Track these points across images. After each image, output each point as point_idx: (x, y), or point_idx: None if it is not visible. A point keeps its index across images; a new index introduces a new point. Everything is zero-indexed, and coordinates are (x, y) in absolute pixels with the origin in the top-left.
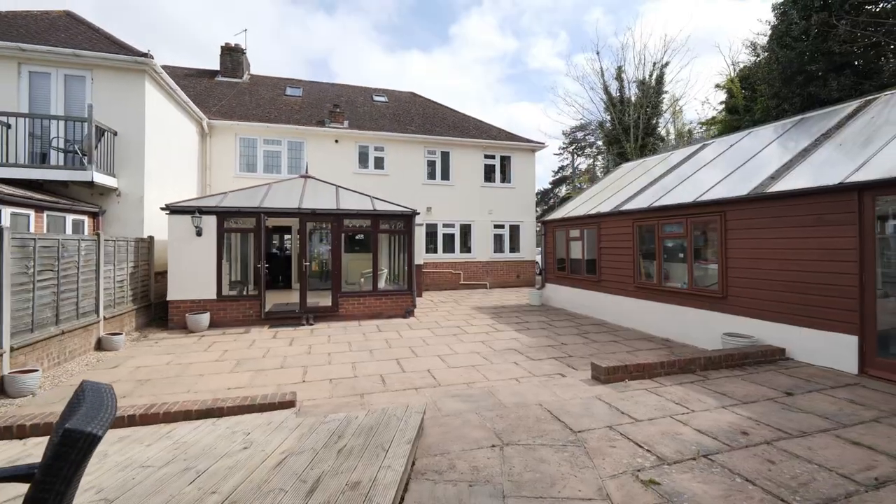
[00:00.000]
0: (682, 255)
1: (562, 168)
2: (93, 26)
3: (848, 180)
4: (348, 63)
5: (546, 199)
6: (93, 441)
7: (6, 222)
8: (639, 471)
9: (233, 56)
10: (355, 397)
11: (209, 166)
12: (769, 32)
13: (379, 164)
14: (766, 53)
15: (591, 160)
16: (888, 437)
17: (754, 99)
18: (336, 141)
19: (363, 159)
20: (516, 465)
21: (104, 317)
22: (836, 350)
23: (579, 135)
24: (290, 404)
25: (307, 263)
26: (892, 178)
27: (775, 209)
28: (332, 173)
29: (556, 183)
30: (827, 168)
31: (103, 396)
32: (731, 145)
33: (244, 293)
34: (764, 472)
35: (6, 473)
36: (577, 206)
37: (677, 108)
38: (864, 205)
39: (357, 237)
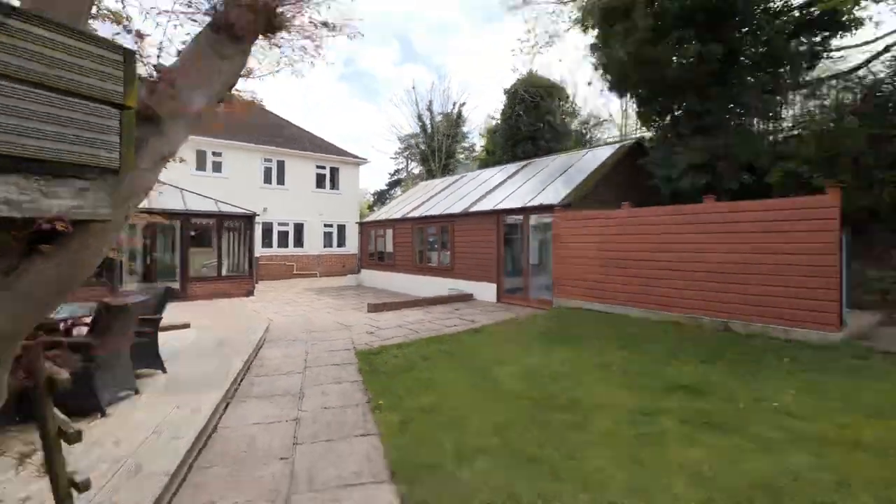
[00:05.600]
0: (437, 246)
1: (397, 171)
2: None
3: (495, 207)
4: None
5: (383, 200)
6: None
7: None
8: (367, 331)
9: None
10: (224, 333)
11: None
12: (502, 108)
13: (217, 167)
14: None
15: (424, 165)
16: (474, 317)
17: (496, 145)
18: None
19: (201, 163)
20: (315, 336)
21: None
22: (490, 292)
23: (412, 142)
24: (187, 326)
25: (156, 255)
26: (506, 208)
27: (473, 220)
28: (169, 174)
29: (392, 185)
30: (496, 198)
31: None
32: (474, 178)
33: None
34: (418, 326)
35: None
36: (383, 213)
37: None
38: (500, 221)
39: (192, 234)
